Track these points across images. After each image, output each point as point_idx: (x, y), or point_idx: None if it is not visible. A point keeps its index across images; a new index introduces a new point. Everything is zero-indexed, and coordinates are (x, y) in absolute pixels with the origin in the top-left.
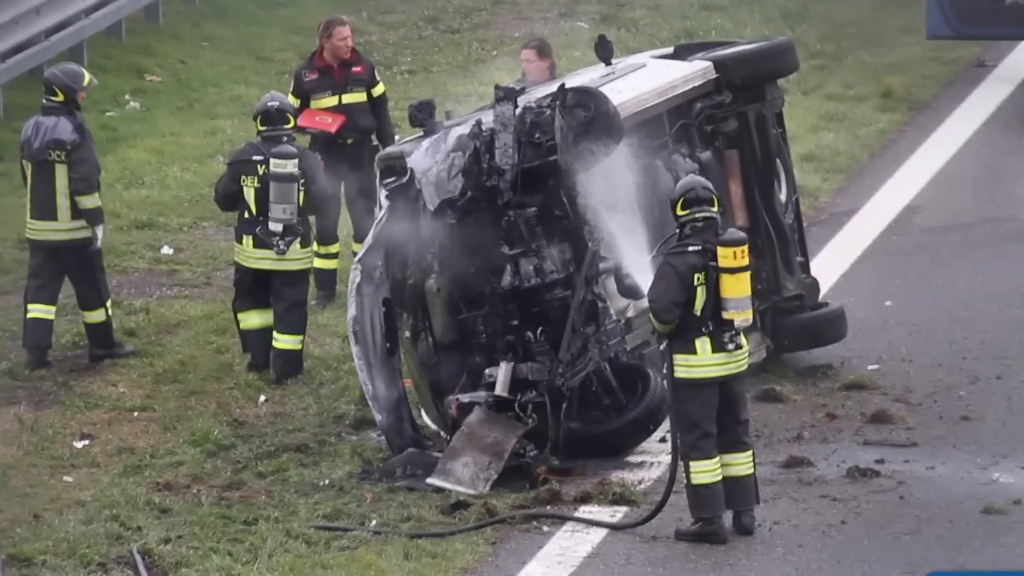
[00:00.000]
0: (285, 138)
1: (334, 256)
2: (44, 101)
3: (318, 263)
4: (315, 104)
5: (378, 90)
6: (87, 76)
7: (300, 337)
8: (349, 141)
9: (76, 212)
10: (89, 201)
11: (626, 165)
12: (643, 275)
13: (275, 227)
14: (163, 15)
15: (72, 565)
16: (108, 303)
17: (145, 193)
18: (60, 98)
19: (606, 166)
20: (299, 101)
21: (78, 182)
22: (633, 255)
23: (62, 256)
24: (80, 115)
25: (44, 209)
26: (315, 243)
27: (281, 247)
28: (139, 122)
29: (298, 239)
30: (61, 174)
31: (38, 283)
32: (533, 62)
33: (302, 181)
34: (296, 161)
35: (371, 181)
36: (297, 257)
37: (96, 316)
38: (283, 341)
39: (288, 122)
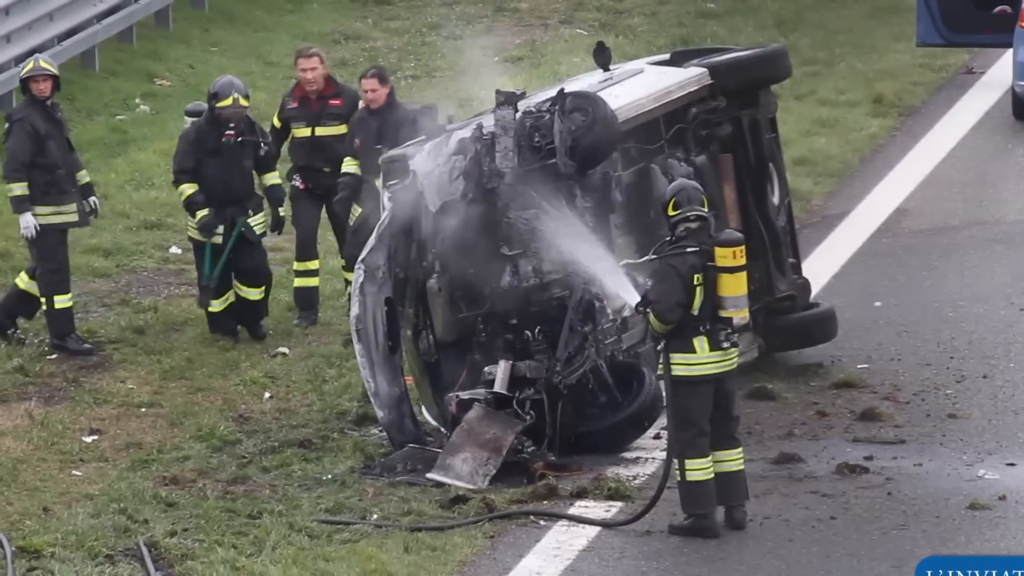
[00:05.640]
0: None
1: (314, 273)
2: None
3: (297, 281)
4: (294, 132)
5: None
6: (30, 64)
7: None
8: (326, 169)
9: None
10: (9, 190)
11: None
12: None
13: None
14: (173, 21)
15: (80, 557)
16: (57, 296)
17: (154, 194)
18: None
19: None
20: (281, 124)
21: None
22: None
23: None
24: (25, 106)
25: None
26: (295, 261)
27: None
28: (149, 125)
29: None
30: None
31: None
32: (377, 90)
33: None
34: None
35: (349, 207)
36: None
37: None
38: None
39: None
